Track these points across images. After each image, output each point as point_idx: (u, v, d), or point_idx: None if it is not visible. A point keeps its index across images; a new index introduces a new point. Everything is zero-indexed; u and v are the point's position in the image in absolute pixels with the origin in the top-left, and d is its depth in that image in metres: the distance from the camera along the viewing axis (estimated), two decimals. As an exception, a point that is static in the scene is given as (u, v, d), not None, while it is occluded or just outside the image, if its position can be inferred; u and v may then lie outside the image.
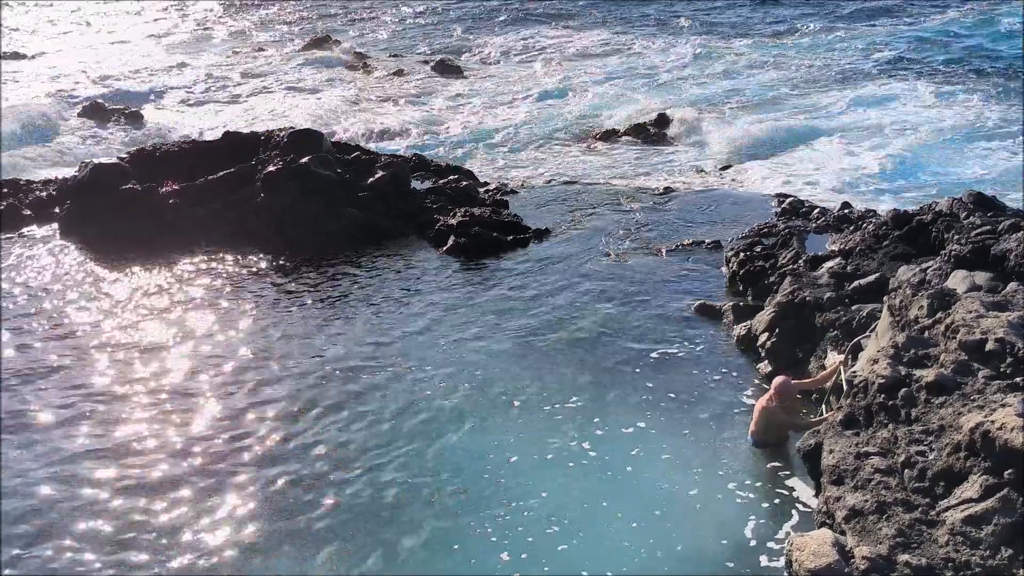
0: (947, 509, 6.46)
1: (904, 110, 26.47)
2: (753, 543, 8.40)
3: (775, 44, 37.37)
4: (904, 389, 7.64)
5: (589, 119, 28.20)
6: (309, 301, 13.70)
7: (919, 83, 29.35)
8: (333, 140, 19.81)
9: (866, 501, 6.80)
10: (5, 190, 18.93)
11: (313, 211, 15.98)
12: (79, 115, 29.40)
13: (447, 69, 35.44)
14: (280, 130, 18.54)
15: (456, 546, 8.39)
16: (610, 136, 26.07)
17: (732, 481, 9.21)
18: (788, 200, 16.92)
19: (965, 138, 23.46)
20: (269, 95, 32.62)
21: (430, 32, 44.73)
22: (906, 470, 6.95)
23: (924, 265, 11.40)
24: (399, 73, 35.42)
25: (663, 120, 26.74)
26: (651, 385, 11.02)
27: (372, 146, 23.11)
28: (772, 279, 13.04)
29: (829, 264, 12.75)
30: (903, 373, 7.81)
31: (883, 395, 7.72)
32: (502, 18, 46.95)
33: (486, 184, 19.04)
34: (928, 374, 7.62)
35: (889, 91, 28.84)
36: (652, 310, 13.00)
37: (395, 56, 39.14)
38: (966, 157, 22.12)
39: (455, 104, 30.62)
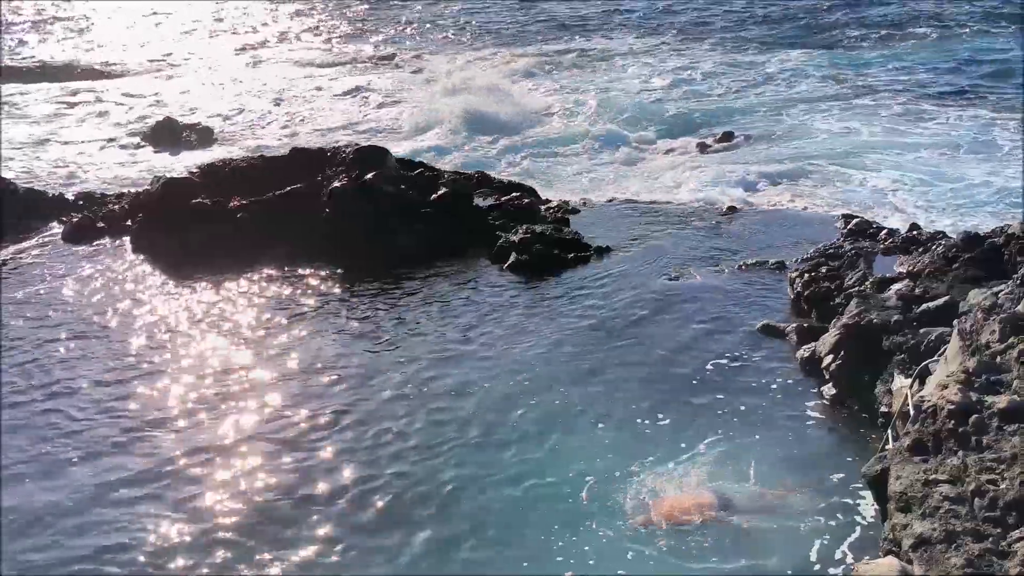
0: (1019, 540, 6.30)
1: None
2: (818, 567, 8.29)
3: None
4: (975, 416, 7.47)
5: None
6: (373, 316, 13.87)
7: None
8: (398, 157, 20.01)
9: (934, 530, 6.66)
10: (80, 203, 19.55)
11: (377, 227, 16.17)
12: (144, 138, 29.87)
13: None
14: (346, 146, 18.81)
15: (525, 563, 8.43)
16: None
17: (798, 502, 9.10)
18: (855, 220, 16.65)
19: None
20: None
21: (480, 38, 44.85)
22: (976, 499, 6.79)
23: (996, 288, 11.12)
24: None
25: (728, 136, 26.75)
26: (714, 405, 10.93)
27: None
28: (838, 300, 12.84)
29: (897, 286, 12.50)
30: (974, 399, 7.64)
31: (953, 421, 7.56)
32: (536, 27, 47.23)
33: (547, 201, 19.08)
34: (1000, 400, 7.44)
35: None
36: (715, 330, 12.89)
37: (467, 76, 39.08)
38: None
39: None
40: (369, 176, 16.86)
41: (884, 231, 15.84)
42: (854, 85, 32.33)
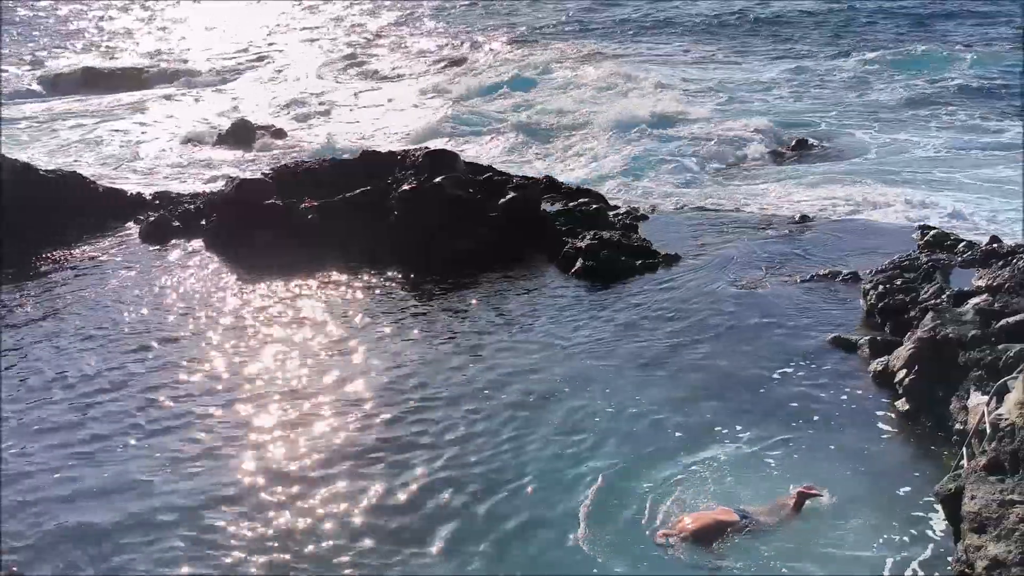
0: (1101, 566, 6.08)
1: None
2: (890, 586, 8.12)
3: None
4: (1055, 436, 7.24)
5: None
6: (439, 320, 13.95)
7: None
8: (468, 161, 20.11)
9: (1009, 552, 6.47)
10: (157, 202, 20.03)
11: (445, 230, 16.26)
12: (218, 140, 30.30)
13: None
14: (416, 149, 18.96)
15: (596, 570, 8.43)
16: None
17: (872, 519, 8.91)
18: (932, 232, 16.25)
19: None
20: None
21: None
22: (1055, 522, 6.57)
23: (1080, 305, 10.79)
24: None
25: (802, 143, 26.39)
26: (783, 418, 10.75)
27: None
28: (913, 314, 12.54)
29: (975, 300, 12.17)
30: (1055, 418, 7.39)
31: (1032, 441, 7.33)
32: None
33: (616, 208, 18.98)
34: (1082, 421, 7.19)
35: None
36: (785, 341, 12.68)
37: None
38: None
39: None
40: (438, 180, 16.96)
41: (962, 243, 15.44)
42: (930, 94, 31.67)
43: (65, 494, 9.74)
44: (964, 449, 9.25)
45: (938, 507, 8.59)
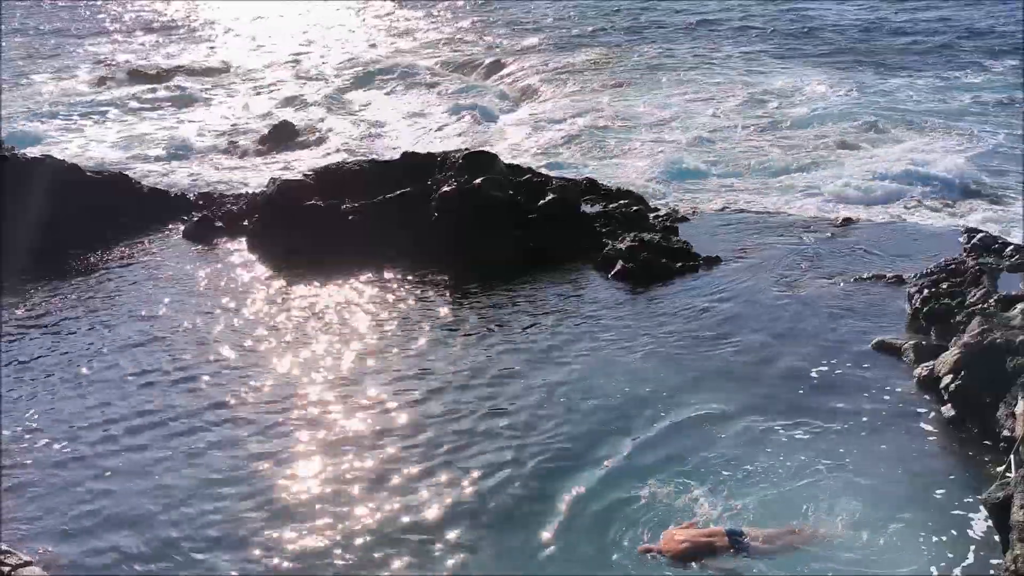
0: None
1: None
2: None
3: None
4: (1107, 444, 7.07)
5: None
6: (479, 322, 13.95)
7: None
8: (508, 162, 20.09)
9: (1060, 563, 6.32)
10: (200, 203, 20.26)
11: (484, 231, 16.25)
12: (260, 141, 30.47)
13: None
14: (456, 151, 18.98)
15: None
16: None
17: (915, 525, 8.78)
18: (979, 235, 15.94)
19: None
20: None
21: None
22: (1107, 533, 6.41)
23: None
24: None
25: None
26: (825, 423, 10.62)
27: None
28: (959, 318, 12.33)
29: (1023, 305, 11.95)
30: (1107, 427, 7.22)
31: (1083, 449, 7.17)
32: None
33: (656, 210, 18.86)
34: None
35: None
36: (826, 345, 12.52)
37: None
38: None
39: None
40: (477, 181, 16.97)
41: (1010, 247, 15.14)
42: (968, 102, 31.13)
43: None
44: (1012, 456, 9.08)
45: (983, 514, 8.45)
